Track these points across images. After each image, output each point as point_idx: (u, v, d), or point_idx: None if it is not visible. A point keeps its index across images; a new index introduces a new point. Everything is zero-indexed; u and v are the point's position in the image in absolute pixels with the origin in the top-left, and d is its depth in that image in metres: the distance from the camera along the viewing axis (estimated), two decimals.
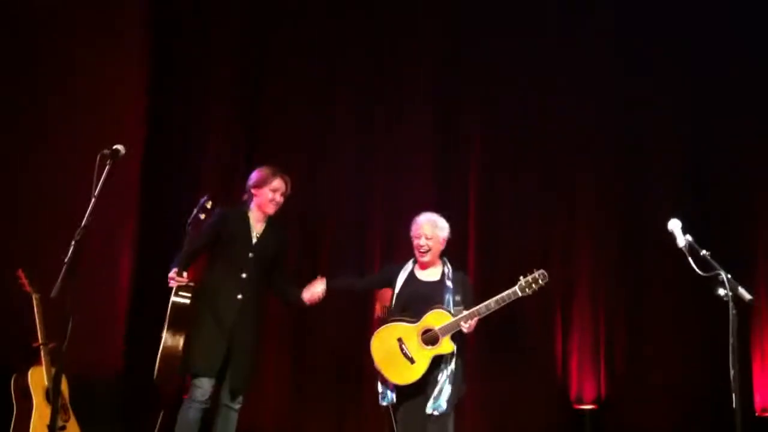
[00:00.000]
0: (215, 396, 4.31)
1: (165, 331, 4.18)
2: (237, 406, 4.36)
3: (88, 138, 5.21)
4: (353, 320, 6.08)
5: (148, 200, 6.15)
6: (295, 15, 6.53)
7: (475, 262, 6.22)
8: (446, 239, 4.34)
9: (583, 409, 6.07)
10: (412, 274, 4.32)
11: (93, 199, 3.22)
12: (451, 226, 4.33)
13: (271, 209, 4.41)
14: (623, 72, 6.52)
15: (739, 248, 6.07)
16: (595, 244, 6.38)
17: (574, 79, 6.50)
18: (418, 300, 4.18)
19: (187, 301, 4.17)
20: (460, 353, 4.14)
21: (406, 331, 4.10)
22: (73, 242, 3.13)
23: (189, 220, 4.24)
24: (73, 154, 5.43)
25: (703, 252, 3.61)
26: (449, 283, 4.22)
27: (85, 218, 3.18)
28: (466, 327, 4.06)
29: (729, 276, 3.52)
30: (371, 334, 4.30)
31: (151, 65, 6.20)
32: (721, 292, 3.53)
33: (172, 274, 4.23)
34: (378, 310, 5.39)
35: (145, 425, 5.72)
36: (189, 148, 6.30)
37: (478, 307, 4.08)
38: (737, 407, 3.39)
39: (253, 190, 4.42)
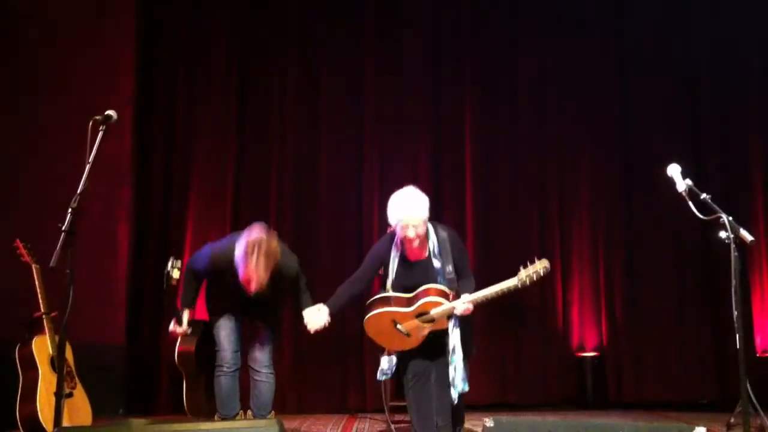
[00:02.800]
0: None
1: (184, 382, 4.56)
2: (263, 370, 4.38)
3: (80, 109, 5.13)
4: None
5: (142, 169, 6.11)
6: None
7: (472, 225, 6.23)
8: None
9: (585, 357, 6.11)
10: (403, 258, 4.10)
11: (88, 165, 3.19)
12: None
13: (252, 290, 4.13)
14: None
15: (735, 190, 6.11)
16: (592, 195, 6.37)
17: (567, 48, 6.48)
18: (411, 287, 4.03)
19: (192, 347, 4.50)
20: (466, 325, 4.03)
21: (401, 315, 3.99)
22: (69, 209, 3.11)
23: (166, 283, 4.50)
24: (65, 124, 5.42)
25: (703, 195, 3.61)
26: (436, 262, 4.03)
27: (80, 185, 3.16)
28: (459, 312, 3.92)
29: (730, 218, 3.53)
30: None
31: (139, 28, 6.12)
32: (723, 234, 3.53)
33: (172, 327, 4.37)
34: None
35: (149, 390, 5.83)
36: (179, 115, 6.23)
37: (476, 294, 3.92)
38: (741, 348, 3.41)
39: (236, 261, 4.10)
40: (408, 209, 3.95)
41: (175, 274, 4.50)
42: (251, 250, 3.99)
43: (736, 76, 6.41)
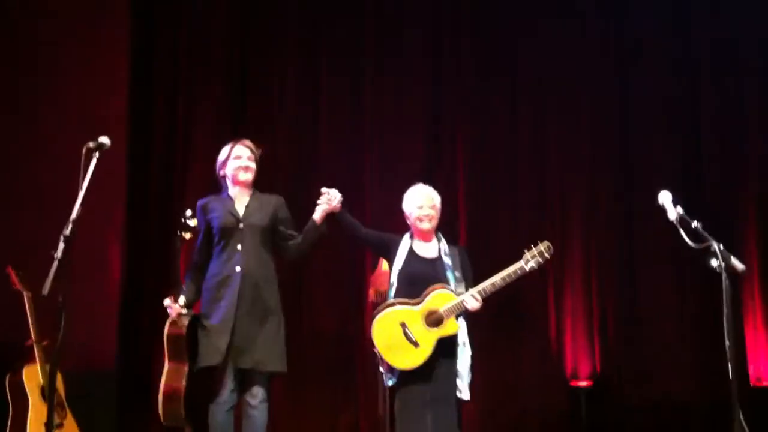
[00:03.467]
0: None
1: (166, 364, 4.10)
2: (255, 402, 4.09)
3: (72, 132, 5.15)
4: (345, 308, 6.07)
5: (135, 192, 6.07)
6: None
7: (467, 236, 6.20)
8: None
9: (579, 387, 6.08)
10: (411, 251, 4.22)
11: (81, 192, 3.19)
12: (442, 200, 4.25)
13: (244, 176, 4.22)
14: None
15: (727, 218, 6.13)
16: (586, 217, 6.36)
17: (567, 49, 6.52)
18: (418, 278, 4.08)
19: (182, 330, 4.05)
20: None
21: (409, 314, 3.98)
22: (62, 237, 3.11)
23: (177, 242, 4.16)
24: (57, 148, 5.41)
25: (695, 224, 3.62)
26: (447, 260, 4.15)
27: (73, 212, 3.16)
28: (470, 306, 3.97)
29: (721, 247, 3.53)
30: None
31: (132, 53, 6.11)
32: (714, 263, 3.53)
33: (168, 302, 4.09)
34: (371, 296, 5.38)
35: (141, 419, 5.76)
36: (174, 133, 6.19)
37: (483, 285, 3.98)
38: (733, 378, 3.40)
39: (221, 172, 4.29)
40: (422, 188, 4.30)
41: (192, 222, 4.20)
42: (233, 140, 4.27)
43: (736, 76, 6.44)
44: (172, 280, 4.21)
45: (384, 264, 5.65)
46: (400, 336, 3.97)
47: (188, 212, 4.20)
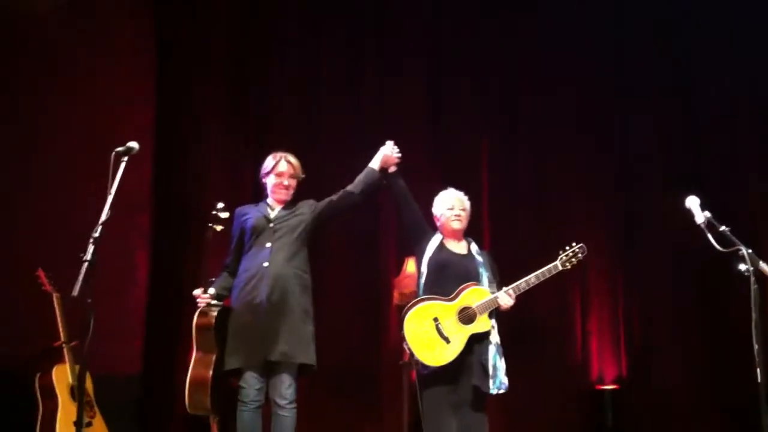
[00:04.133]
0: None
1: (194, 353, 4.15)
2: (284, 403, 4.10)
3: (99, 137, 5.24)
4: (369, 313, 6.05)
5: (160, 196, 6.13)
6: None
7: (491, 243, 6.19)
8: None
9: (605, 390, 6.04)
10: (441, 244, 4.24)
11: (110, 196, 3.23)
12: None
13: (281, 195, 4.35)
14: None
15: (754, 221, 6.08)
16: (611, 224, 6.34)
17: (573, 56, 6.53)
18: (448, 268, 4.11)
19: (211, 321, 4.10)
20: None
21: (443, 309, 4.00)
22: (91, 239, 3.15)
23: (208, 233, 4.22)
24: (84, 153, 5.48)
25: (722, 228, 3.59)
26: (479, 257, 4.20)
27: (102, 215, 3.20)
28: (503, 303, 4.02)
29: (750, 251, 3.50)
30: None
31: (157, 63, 6.17)
32: (742, 267, 3.51)
33: (197, 291, 4.17)
34: (396, 298, 5.39)
35: (165, 420, 5.81)
36: (197, 138, 6.24)
37: (518, 282, 4.04)
38: (762, 382, 3.37)
39: (263, 180, 4.43)
40: (453, 192, 4.36)
41: (224, 215, 4.29)
42: (279, 153, 4.36)
43: (737, 77, 6.39)
44: (201, 271, 4.28)
45: (409, 265, 5.67)
46: (432, 331, 3.98)
47: (220, 204, 4.30)
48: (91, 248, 3.14)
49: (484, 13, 6.53)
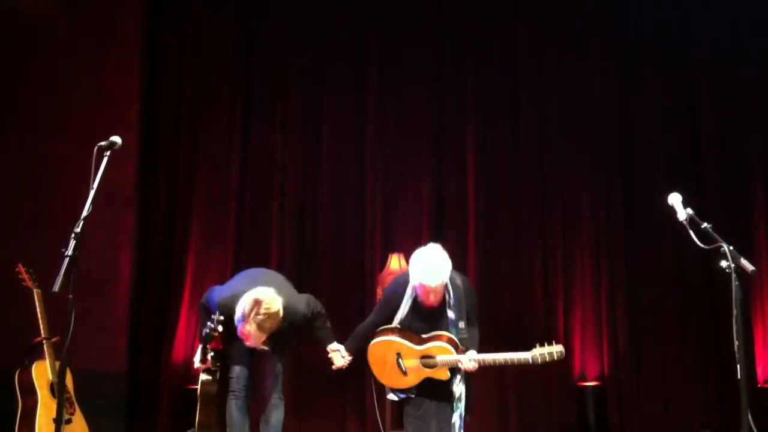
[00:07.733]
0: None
1: (198, 410, 4.33)
2: (274, 395, 4.35)
3: (83, 132, 5.22)
4: (353, 308, 6.03)
5: (145, 193, 6.11)
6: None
7: (475, 253, 6.21)
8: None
9: (586, 386, 6.07)
10: (415, 302, 4.10)
11: (92, 191, 3.20)
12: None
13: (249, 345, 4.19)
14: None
15: (737, 219, 6.13)
16: (595, 222, 6.35)
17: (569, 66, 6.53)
18: (420, 326, 4.12)
19: (213, 388, 4.31)
20: (467, 381, 4.11)
21: (408, 350, 4.09)
22: (73, 234, 3.11)
23: (209, 336, 4.21)
24: (68, 148, 5.46)
25: (704, 225, 3.60)
26: (451, 313, 4.05)
27: (84, 210, 3.16)
28: (465, 368, 4.00)
29: (731, 248, 3.52)
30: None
31: (144, 57, 6.15)
32: (724, 264, 3.51)
33: (196, 365, 4.29)
34: (379, 294, 5.38)
35: (150, 417, 5.78)
36: (183, 137, 6.25)
37: (486, 356, 4.02)
38: (742, 378, 3.39)
39: (237, 324, 4.15)
40: (431, 277, 3.92)
41: (221, 327, 4.27)
42: (249, 312, 3.99)
43: (737, 77, 6.43)
44: (202, 359, 4.30)
45: (392, 262, 5.67)
46: (392, 361, 4.11)
47: (218, 317, 4.18)
48: (72, 243, 3.09)
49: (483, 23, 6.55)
